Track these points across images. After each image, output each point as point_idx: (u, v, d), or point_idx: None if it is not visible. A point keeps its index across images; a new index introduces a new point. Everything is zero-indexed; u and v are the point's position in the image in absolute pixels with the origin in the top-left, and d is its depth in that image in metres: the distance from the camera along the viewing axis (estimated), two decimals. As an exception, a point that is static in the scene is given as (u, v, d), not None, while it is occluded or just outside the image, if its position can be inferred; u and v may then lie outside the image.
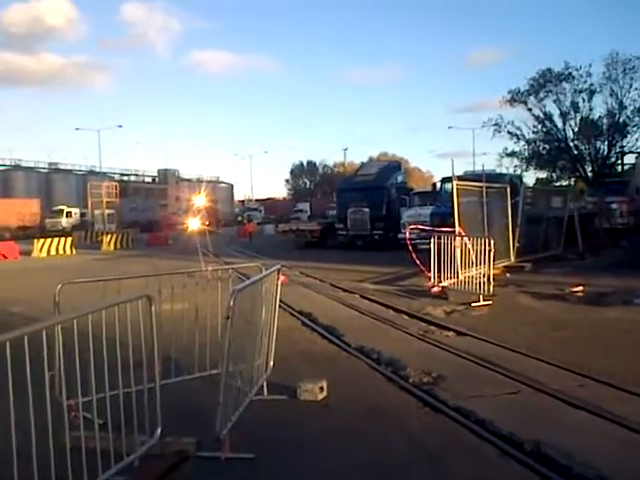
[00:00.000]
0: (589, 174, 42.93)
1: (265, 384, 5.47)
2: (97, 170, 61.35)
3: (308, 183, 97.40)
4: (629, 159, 44.03)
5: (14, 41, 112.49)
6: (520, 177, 25.15)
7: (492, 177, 16.05)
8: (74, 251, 27.82)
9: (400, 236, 21.72)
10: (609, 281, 12.22)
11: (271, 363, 5.62)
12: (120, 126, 69.05)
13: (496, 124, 43.75)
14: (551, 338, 7.60)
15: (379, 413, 5.07)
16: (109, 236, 31.03)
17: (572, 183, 44.18)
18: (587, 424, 4.65)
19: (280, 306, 9.86)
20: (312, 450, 4.36)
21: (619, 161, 44.33)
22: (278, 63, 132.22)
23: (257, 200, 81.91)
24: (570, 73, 41.36)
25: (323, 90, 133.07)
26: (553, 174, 47.11)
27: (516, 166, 44.20)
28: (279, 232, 30.16)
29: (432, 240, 11.52)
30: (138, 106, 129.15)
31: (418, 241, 14.61)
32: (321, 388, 5.49)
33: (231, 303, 3.91)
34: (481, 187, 13.53)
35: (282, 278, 5.86)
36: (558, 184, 44.22)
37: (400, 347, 7.32)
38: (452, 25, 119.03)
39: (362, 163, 38.07)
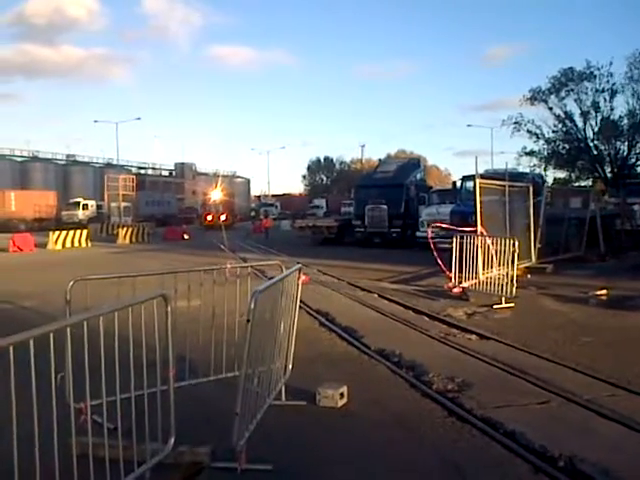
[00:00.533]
0: (608, 175, 42.28)
1: (284, 388, 5.26)
2: (114, 163, 61.58)
3: (325, 179, 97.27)
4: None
5: (35, 32, 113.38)
6: (542, 176, 24.79)
7: (514, 176, 15.68)
8: (89, 244, 27.80)
9: (418, 234, 21.50)
10: (633, 284, 11.92)
11: (290, 366, 5.43)
12: (139, 119, 69.59)
13: (516, 122, 43.23)
14: (578, 344, 7.32)
15: (403, 422, 4.84)
16: (125, 229, 31.01)
17: (591, 183, 43.66)
18: (623, 438, 4.39)
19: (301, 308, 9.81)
20: (333, 462, 4.13)
21: (639, 162, 43.65)
22: (296, 59, 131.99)
23: (273, 195, 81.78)
24: (592, 72, 40.71)
25: (340, 86, 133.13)
26: (572, 174, 46.51)
27: (535, 165, 43.70)
28: (296, 228, 29.97)
29: (454, 239, 11.24)
30: (157, 99, 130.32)
31: (438, 240, 14.32)
32: (341, 394, 5.27)
33: (252, 305, 3.71)
34: (504, 186, 13.23)
35: (303, 278, 5.64)
36: (577, 184, 43.64)
37: (421, 350, 7.09)
38: (468, 22, 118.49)
39: (380, 160, 37.65)
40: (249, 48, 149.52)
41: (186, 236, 32.40)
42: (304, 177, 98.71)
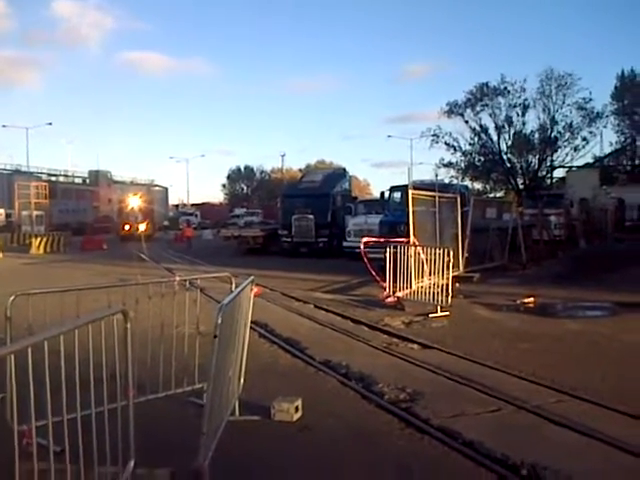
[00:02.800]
0: (520, 186, 44.45)
1: (237, 403, 5.08)
2: (23, 169, 58.47)
3: (245, 188, 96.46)
4: (559, 173, 46.09)
5: None
6: (467, 187, 25.61)
7: (441, 186, 16.13)
8: (0, 254, 26.20)
9: (345, 244, 21.68)
10: (555, 292, 12.43)
11: (242, 380, 5.25)
12: (50, 124, 66.74)
13: (434, 135, 44.74)
14: (517, 350, 7.54)
15: (361, 435, 4.77)
16: (38, 239, 29.46)
17: (504, 194, 45.78)
18: (578, 445, 4.50)
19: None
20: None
21: (549, 174, 46.24)
22: (215, 67, 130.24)
23: (193, 204, 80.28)
24: (506, 87, 42.82)
25: (261, 96, 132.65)
26: (487, 185, 48.57)
27: (452, 176, 45.28)
28: (221, 237, 29.54)
29: (387, 249, 11.37)
30: (69, 105, 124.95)
31: (368, 250, 14.45)
32: (296, 408, 5.16)
33: (219, 320, 3.54)
34: (434, 196, 13.55)
35: (255, 290, 5.49)
36: (492, 195, 45.63)
37: (367, 361, 7.08)
38: (386, 37, 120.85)
39: (300, 170, 37.91)
40: (165, 55, 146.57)
41: (104, 246, 31.17)
42: (224, 186, 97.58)
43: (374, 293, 12.29)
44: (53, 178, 68.61)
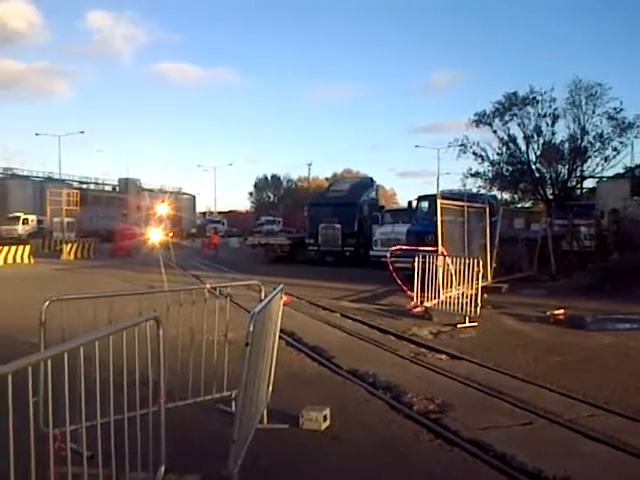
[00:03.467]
0: (550, 196, 43.81)
1: (265, 411, 5.08)
2: (55, 177, 59.61)
3: (272, 196, 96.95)
4: (588, 183, 45.37)
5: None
6: (495, 197, 25.35)
7: (470, 196, 16.02)
8: (32, 260, 26.63)
9: (372, 253, 21.61)
10: (586, 304, 12.22)
11: (270, 389, 5.25)
12: (82, 132, 67.97)
13: (462, 144, 44.32)
14: (547, 363, 7.42)
15: (390, 446, 4.73)
16: (69, 245, 29.90)
17: (532, 205, 45.18)
18: (612, 459, 4.41)
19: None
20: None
21: (579, 185, 45.52)
22: (243, 77, 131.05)
23: (220, 212, 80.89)
24: (535, 97, 42.23)
25: (287, 106, 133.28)
26: (515, 195, 47.95)
27: (480, 186, 44.83)
28: (248, 245, 29.69)
29: (416, 259, 11.31)
30: (100, 115, 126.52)
31: (395, 259, 14.40)
32: (325, 417, 5.14)
33: (251, 328, 3.55)
34: (462, 206, 13.45)
35: (284, 298, 5.50)
36: (519, 205, 45.09)
37: (394, 371, 7.03)
38: (414, 47, 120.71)
39: (327, 178, 37.95)
40: (195, 66, 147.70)
41: (133, 252, 31.54)
42: (251, 194, 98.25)
43: (401, 302, 12.22)
44: (84, 186, 69.68)
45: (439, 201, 12.36)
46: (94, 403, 3.21)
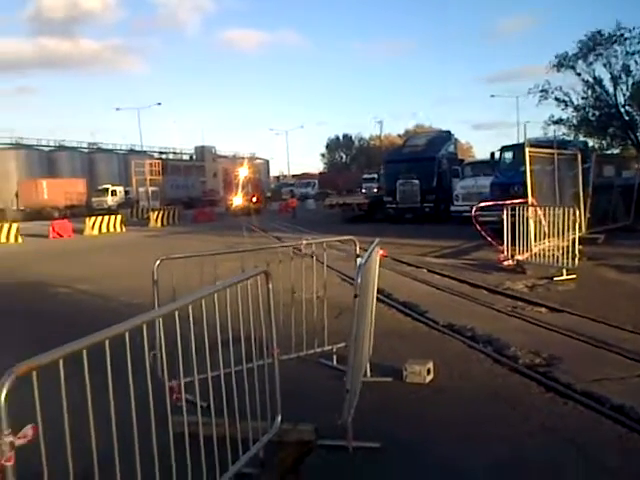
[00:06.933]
0: (641, 141, 41.21)
1: (368, 365, 5.11)
2: (137, 149, 61.69)
3: (344, 157, 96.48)
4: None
5: (52, 26, 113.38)
6: (586, 144, 24.04)
7: (558, 144, 15.20)
8: (124, 228, 28.12)
9: (453, 208, 21.16)
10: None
11: (371, 342, 5.26)
12: (159, 104, 69.75)
13: (543, 90, 42.16)
14: (656, 314, 7.04)
15: (500, 398, 4.64)
16: (155, 213, 31.13)
17: (620, 151, 42.64)
18: None
19: (345, 281, 9.60)
20: (441, 440, 3.96)
21: (673, 128, 42.54)
22: (306, 38, 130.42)
23: (293, 176, 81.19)
24: (622, 34, 39.47)
25: (352, 63, 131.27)
26: (603, 141, 45.40)
27: (564, 134, 42.70)
28: (326, 206, 29.74)
29: (505, 211, 10.93)
30: (174, 86, 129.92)
31: (479, 214, 13.99)
32: (428, 370, 5.10)
33: (358, 280, 3.52)
34: (552, 154, 12.83)
35: (380, 252, 5.45)
36: (608, 152, 42.70)
37: (492, 324, 6.87)
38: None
39: (400, 135, 37.18)
40: (259, 31, 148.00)
41: (215, 218, 32.44)
42: (323, 155, 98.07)
43: (489, 257, 11.90)
44: (164, 156, 71.86)
45: (527, 149, 11.80)
46: (215, 355, 3.29)
